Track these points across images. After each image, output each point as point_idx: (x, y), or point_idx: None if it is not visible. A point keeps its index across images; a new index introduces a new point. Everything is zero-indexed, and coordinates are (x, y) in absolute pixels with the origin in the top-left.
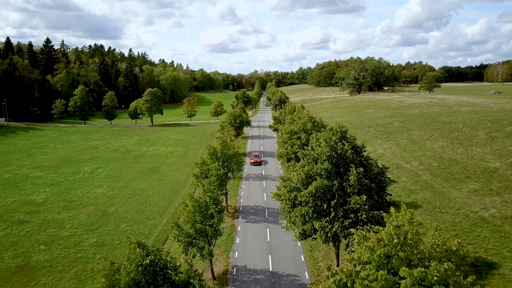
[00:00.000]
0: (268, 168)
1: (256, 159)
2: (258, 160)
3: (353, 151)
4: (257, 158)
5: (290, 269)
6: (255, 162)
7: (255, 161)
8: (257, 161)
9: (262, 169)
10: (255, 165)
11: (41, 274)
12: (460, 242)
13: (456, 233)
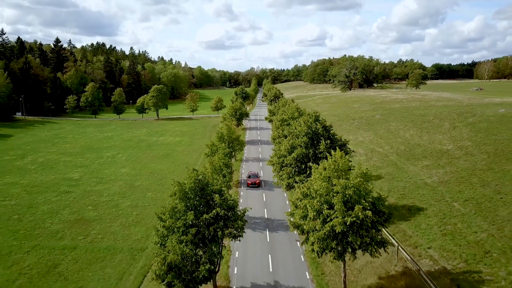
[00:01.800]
0: (264, 151)
1: (255, 180)
2: (257, 181)
3: (323, 129)
4: (255, 178)
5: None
6: (253, 184)
7: (253, 182)
8: (255, 182)
9: (259, 153)
10: (253, 187)
11: (94, 224)
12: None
13: (404, 193)
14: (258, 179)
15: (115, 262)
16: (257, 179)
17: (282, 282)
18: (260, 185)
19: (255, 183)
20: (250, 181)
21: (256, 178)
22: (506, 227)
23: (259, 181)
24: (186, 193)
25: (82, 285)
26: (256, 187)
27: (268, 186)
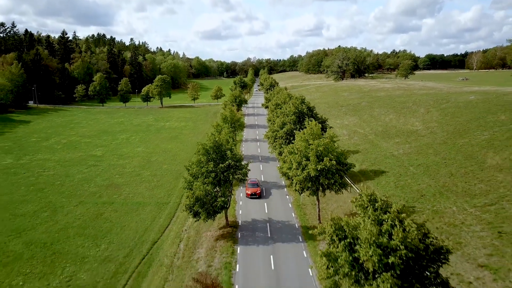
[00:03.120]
0: (260, 134)
1: (255, 189)
2: (258, 191)
3: (307, 109)
4: (255, 188)
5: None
6: (253, 194)
7: (253, 192)
8: (255, 192)
9: (256, 135)
10: (253, 197)
11: (124, 187)
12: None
13: (374, 162)
14: (258, 189)
15: (146, 211)
16: (258, 188)
17: (274, 220)
18: (261, 195)
19: (255, 194)
20: (249, 191)
21: (256, 188)
22: (441, 180)
23: (260, 190)
24: (208, 150)
25: (125, 225)
26: (256, 198)
27: (264, 160)
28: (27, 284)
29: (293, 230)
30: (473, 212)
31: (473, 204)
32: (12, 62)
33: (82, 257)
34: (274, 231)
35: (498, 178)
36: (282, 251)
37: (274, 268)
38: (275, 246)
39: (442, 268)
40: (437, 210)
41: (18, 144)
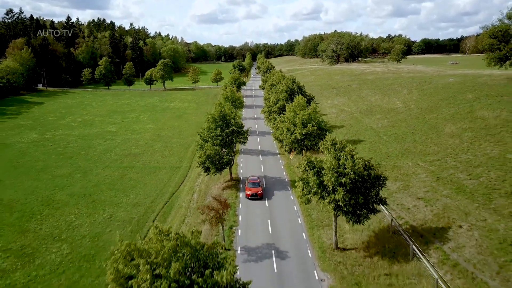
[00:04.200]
0: (258, 113)
1: (256, 190)
2: (259, 192)
3: (297, 88)
4: (256, 187)
5: (269, 147)
6: (254, 195)
7: (254, 192)
8: (256, 192)
9: (254, 113)
10: (253, 198)
11: (140, 156)
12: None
13: (355, 134)
14: (260, 189)
15: (163, 173)
16: (259, 188)
17: (269, 176)
18: (262, 196)
19: (256, 195)
20: (250, 191)
21: (257, 188)
22: (406, 145)
23: (262, 191)
24: (216, 119)
25: (146, 182)
26: (258, 199)
27: (261, 134)
28: (78, 220)
29: (283, 183)
30: (423, 166)
31: (424, 160)
32: (22, 47)
33: (117, 204)
34: (269, 183)
35: (449, 142)
36: (274, 195)
37: (268, 206)
38: (270, 196)
39: (381, 190)
40: (397, 166)
41: (38, 122)
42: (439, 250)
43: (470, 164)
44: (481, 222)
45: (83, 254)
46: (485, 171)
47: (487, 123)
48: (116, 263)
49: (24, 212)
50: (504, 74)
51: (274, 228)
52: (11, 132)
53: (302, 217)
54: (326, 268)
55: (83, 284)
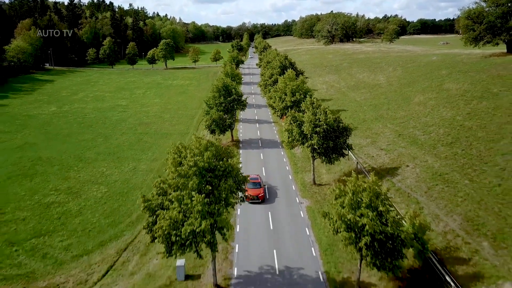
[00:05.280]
0: (255, 89)
1: (256, 191)
2: (260, 194)
3: (289, 64)
4: (256, 188)
5: (265, 117)
6: (254, 198)
7: (255, 195)
8: (257, 194)
9: (251, 89)
10: (254, 202)
11: (151, 125)
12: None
13: (341, 105)
14: (261, 190)
15: (173, 138)
16: (260, 190)
17: (264, 138)
18: (264, 199)
19: (257, 198)
20: (250, 192)
21: (258, 189)
22: (380, 112)
23: (263, 192)
24: (219, 89)
25: (160, 144)
26: (258, 202)
27: (258, 107)
28: (108, 171)
29: (276, 143)
30: (390, 127)
31: (392, 123)
32: (30, 28)
33: (138, 159)
34: (264, 144)
35: (415, 109)
36: (268, 152)
37: (262, 158)
38: (264, 150)
39: (348, 139)
40: (370, 127)
41: (53, 97)
42: (389, 181)
43: (426, 124)
44: (423, 163)
45: (118, 192)
46: (436, 129)
47: (449, 93)
48: (172, 154)
49: (62, 166)
50: (482, 53)
51: (268, 172)
52: (31, 106)
53: (290, 165)
54: (305, 195)
55: (121, 210)
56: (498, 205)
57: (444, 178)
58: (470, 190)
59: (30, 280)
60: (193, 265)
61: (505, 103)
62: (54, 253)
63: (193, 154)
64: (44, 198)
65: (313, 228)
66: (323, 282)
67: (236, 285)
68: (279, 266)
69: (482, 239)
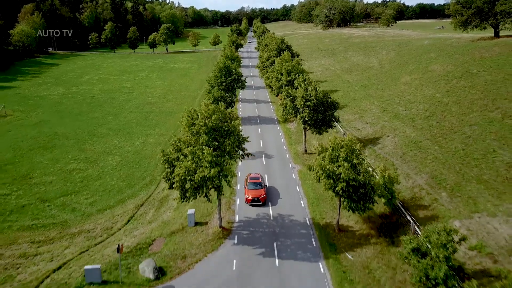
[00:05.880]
0: (254, 72)
1: (257, 193)
2: (262, 195)
3: (285, 46)
4: (258, 189)
5: (262, 97)
6: (255, 200)
7: (256, 196)
8: (258, 196)
9: (250, 72)
10: (255, 204)
11: (156, 104)
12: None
13: (333, 86)
14: (262, 191)
15: (177, 116)
16: (261, 191)
17: (261, 116)
18: (266, 200)
19: (257, 200)
20: (250, 194)
21: (259, 190)
22: (370, 91)
23: (265, 193)
24: (221, 69)
25: (166, 121)
26: (260, 204)
27: (256, 88)
28: (121, 144)
29: (273, 120)
30: (376, 104)
31: (378, 100)
32: (33, 12)
33: (146, 134)
34: (261, 120)
35: (401, 88)
36: (265, 128)
37: (260, 132)
38: (261, 126)
39: (335, 112)
40: (358, 105)
41: (60, 80)
42: (371, 149)
43: (409, 101)
44: (402, 133)
45: (131, 161)
46: (416, 105)
47: (433, 74)
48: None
49: (78, 140)
50: (471, 38)
51: (265, 144)
52: (40, 88)
53: (285, 138)
54: (297, 162)
55: (135, 175)
56: (459, 165)
57: (418, 145)
58: (438, 154)
59: (64, 227)
60: (201, 215)
61: (481, 82)
62: (81, 207)
63: (203, 116)
64: (66, 166)
65: (303, 186)
66: (310, 225)
67: (238, 227)
68: (273, 214)
69: (442, 191)
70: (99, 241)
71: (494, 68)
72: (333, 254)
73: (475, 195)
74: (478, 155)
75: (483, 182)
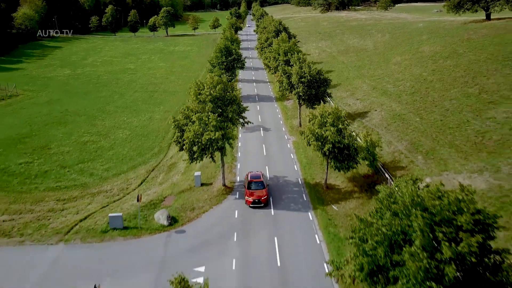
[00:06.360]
0: (253, 54)
1: (258, 194)
2: (263, 197)
3: (283, 28)
4: (259, 189)
5: (261, 77)
6: (256, 202)
7: (257, 198)
8: (260, 198)
9: (249, 54)
10: (256, 206)
11: (160, 84)
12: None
13: (329, 67)
14: (264, 192)
15: (180, 95)
16: (263, 191)
17: (260, 94)
18: (267, 202)
19: (259, 201)
20: (251, 196)
21: (261, 190)
22: (362, 71)
23: (267, 194)
24: (221, 49)
25: (169, 100)
26: (261, 206)
27: (255, 69)
28: (129, 119)
29: (270, 98)
30: (367, 83)
31: (369, 79)
32: None
33: (152, 111)
34: (260, 98)
35: (392, 68)
36: (263, 105)
37: (259, 109)
38: (260, 103)
39: (328, 88)
40: (351, 83)
41: (65, 62)
42: (359, 121)
43: (397, 80)
44: (388, 108)
45: (139, 134)
46: (404, 83)
47: (422, 55)
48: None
49: (88, 116)
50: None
51: (263, 118)
52: (47, 69)
53: (281, 114)
54: (292, 134)
55: (145, 146)
56: (436, 133)
57: (401, 117)
58: (419, 125)
59: (85, 188)
60: (206, 177)
61: (465, 61)
62: (98, 172)
63: (208, 87)
64: (80, 138)
65: (297, 154)
66: (301, 184)
67: (239, 185)
68: (270, 175)
69: (418, 155)
70: (117, 199)
71: (478, 48)
72: (320, 206)
73: (446, 157)
74: (453, 125)
75: (454, 146)
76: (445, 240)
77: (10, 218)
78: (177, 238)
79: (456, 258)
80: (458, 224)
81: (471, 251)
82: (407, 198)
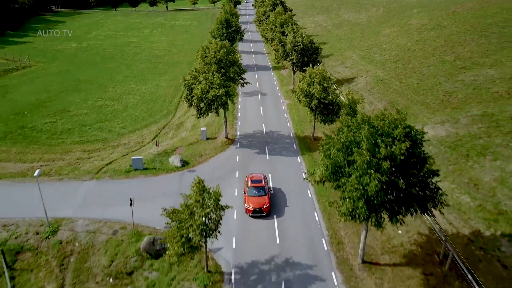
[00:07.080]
0: (251, 28)
1: (259, 201)
2: (265, 205)
3: (279, 1)
4: (261, 195)
5: (260, 50)
6: (256, 211)
7: (257, 207)
8: (261, 207)
9: (248, 27)
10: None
11: (163, 56)
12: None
13: (325, 39)
14: (266, 198)
15: (183, 66)
16: (265, 198)
17: (259, 64)
18: (270, 211)
19: (260, 211)
20: (251, 203)
21: (262, 197)
22: (353, 43)
23: (269, 202)
24: (221, 21)
25: (173, 70)
26: (262, 215)
27: (253, 42)
28: (138, 87)
29: (268, 67)
30: (357, 53)
31: (360, 50)
32: None
33: (158, 80)
34: (258, 68)
35: (380, 39)
36: (261, 74)
37: (257, 77)
38: (258, 72)
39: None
40: (342, 54)
41: (70, 35)
42: (347, 86)
43: (384, 49)
44: (373, 74)
45: (149, 99)
46: (389, 52)
47: (410, 27)
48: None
49: (99, 84)
50: None
51: (260, 85)
52: (54, 43)
53: (277, 81)
54: (286, 98)
55: (155, 108)
56: (411, 94)
57: (384, 82)
58: (398, 87)
59: (106, 142)
60: (210, 133)
61: (447, 32)
62: (115, 130)
63: (213, 51)
64: (95, 103)
65: (290, 114)
66: (293, 137)
67: (239, 138)
68: (266, 130)
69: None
70: (135, 149)
71: (461, 21)
72: (308, 152)
73: (417, 113)
74: (427, 87)
75: (425, 104)
76: (383, 145)
77: (45, 164)
78: (189, 175)
79: (390, 157)
80: (393, 136)
81: (400, 152)
82: (359, 119)
